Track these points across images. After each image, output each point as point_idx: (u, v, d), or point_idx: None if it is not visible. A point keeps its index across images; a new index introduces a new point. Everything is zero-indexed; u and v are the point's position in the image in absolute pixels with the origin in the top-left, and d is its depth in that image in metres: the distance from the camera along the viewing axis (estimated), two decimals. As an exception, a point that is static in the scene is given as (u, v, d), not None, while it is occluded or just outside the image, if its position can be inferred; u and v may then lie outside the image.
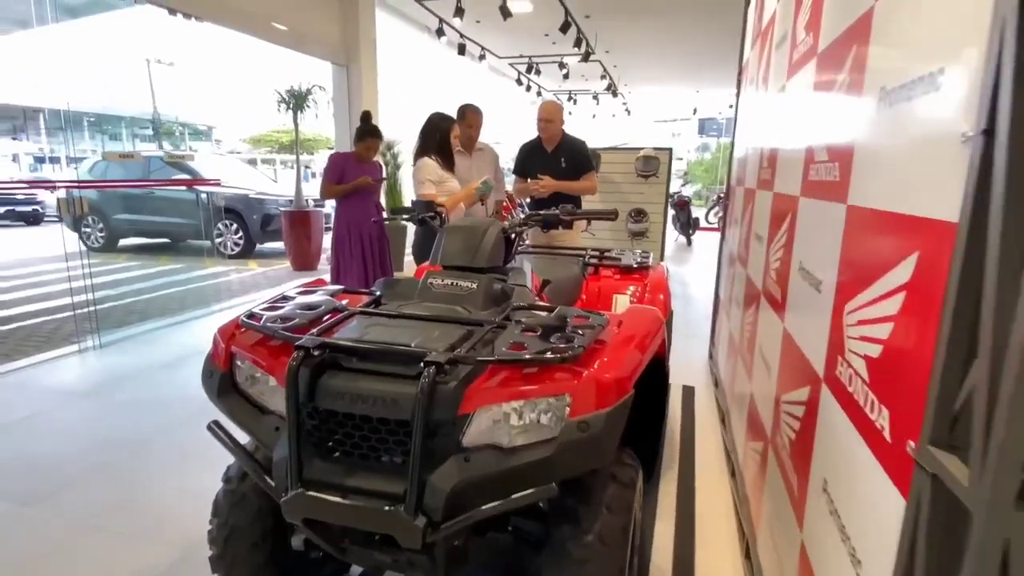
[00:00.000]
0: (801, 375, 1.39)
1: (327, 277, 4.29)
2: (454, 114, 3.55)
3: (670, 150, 6.28)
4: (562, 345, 1.18)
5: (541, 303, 1.60)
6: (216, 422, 1.36)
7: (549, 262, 2.62)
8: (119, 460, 2.53)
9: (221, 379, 1.37)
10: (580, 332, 1.24)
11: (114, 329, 4.62)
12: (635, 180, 6.29)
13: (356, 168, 4.09)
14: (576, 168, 3.79)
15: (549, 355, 1.14)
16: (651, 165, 6.17)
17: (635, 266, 2.70)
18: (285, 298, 1.58)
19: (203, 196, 8.36)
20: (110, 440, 2.71)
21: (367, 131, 4.05)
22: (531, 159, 3.96)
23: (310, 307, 1.47)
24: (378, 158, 4.37)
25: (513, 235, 1.79)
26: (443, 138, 3.31)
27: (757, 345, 2.09)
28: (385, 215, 3.67)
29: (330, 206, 6.77)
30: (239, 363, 1.39)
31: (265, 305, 1.50)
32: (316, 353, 1.20)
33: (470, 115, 3.70)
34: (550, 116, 3.81)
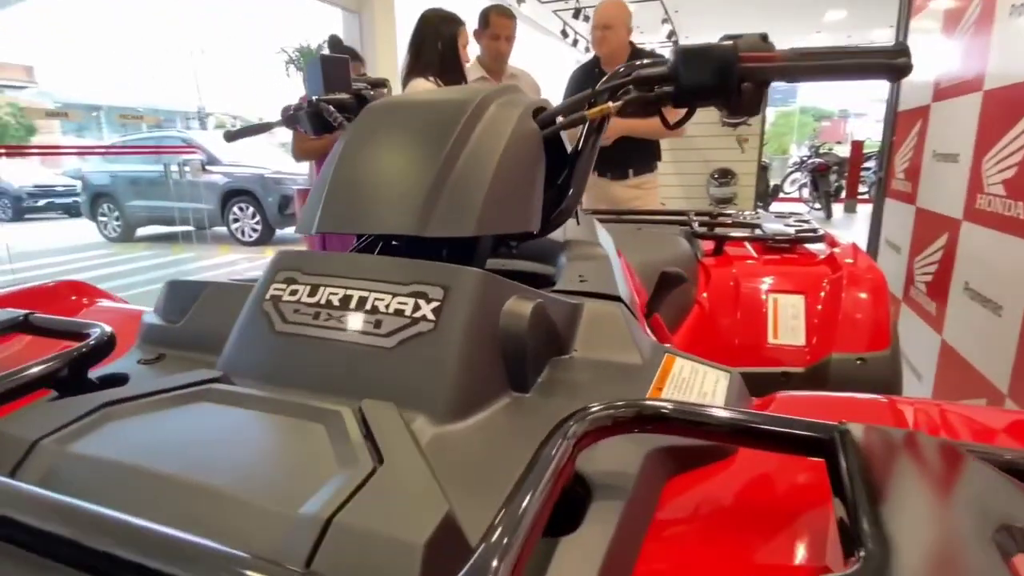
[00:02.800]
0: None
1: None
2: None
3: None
4: None
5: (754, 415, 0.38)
6: None
7: (629, 236, 1.41)
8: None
9: None
10: None
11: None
12: (718, 131, 4.90)
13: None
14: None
15: None
16: (741, 109, 4.76)
17: (795, 237, 1.43)
18: None
19: (213, 177, 7.55)
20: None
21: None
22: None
23: None
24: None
25: (581, 135, 0.62)
26: (447, 48, 2.12)
27: None
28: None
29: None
30: None
31: None
32: None
33: (496, 20, 2.46)
34: (609, 20, 2.53)
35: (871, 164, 9.59)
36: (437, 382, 0.39)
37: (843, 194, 9.40)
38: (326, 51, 2.87)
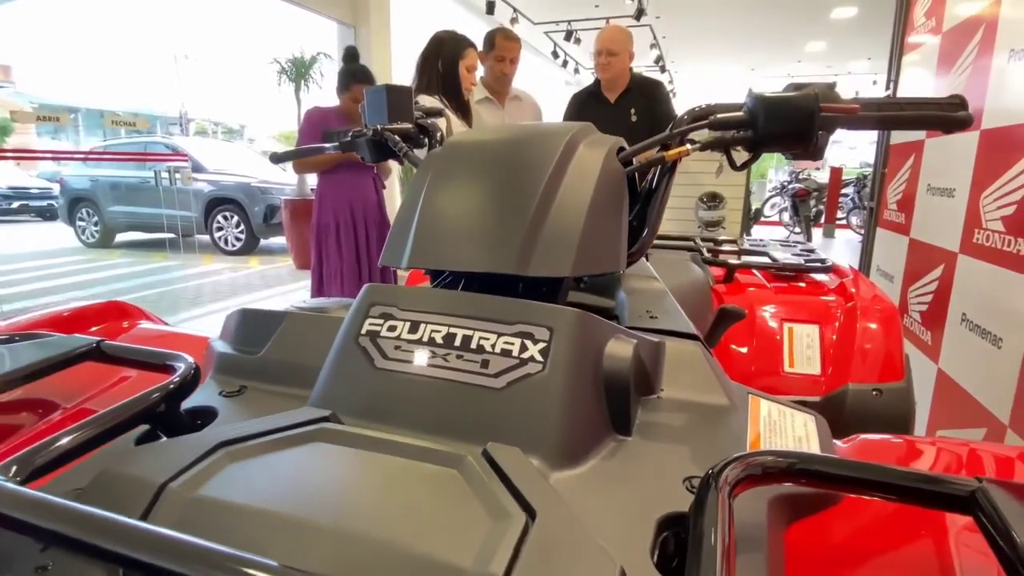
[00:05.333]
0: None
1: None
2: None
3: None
4: None
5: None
6: None
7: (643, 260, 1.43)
8: None
9: None
10: None
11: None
12: (707, 154, 4.97)
13: (343, 128, 2.85)
14: (654, 124, 2.55)
15: None
16: (731, 135, 4.85)
17: (806, 265, 1.47)
18: None
19: (198, 185, 7.42)
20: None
21: (353, 74, 2.81)
22: (587, 115, 2.74)
23: None
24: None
25: (654, 174, 0.64)
26: (447, 69, 2.14)
27: None
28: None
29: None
30: None
31: None
32: None
33: (501, 42, 2.50)
34: (613, 46, 2.58)
35: (848, 191, 9.86)
36: (551, 426, 0.39)
37: (823, 219, 9.63)
38: (340, 62, 2.88)
